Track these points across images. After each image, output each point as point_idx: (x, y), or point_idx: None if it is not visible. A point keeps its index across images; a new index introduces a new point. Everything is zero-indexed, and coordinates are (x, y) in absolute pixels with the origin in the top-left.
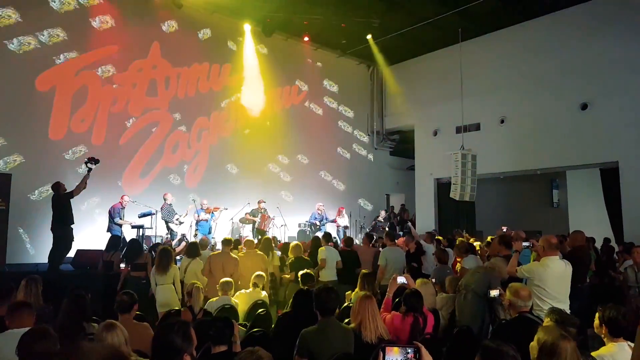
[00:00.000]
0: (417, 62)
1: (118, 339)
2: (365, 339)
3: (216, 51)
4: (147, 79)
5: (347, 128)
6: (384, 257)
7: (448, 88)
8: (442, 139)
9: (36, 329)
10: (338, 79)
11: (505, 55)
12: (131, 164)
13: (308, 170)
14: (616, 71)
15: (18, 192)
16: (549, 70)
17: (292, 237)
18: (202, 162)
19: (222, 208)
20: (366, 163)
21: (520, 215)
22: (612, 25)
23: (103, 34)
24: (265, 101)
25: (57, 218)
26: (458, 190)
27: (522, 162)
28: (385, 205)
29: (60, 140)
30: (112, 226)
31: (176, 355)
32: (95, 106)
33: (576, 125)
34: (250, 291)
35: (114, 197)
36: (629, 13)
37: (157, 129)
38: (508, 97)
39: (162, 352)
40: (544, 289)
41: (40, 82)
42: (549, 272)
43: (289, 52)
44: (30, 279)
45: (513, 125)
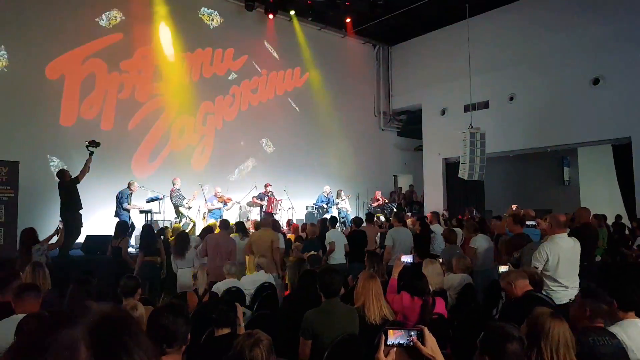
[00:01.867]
0: (423, 40)
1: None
2: (369, 320)
3: (219, 36)
4: (153, 66)
5: (353, 109)
6: (390, 237)
7: (456, 66)
8: (450, 118)
9: (34, 314)
10: (343, 60)
11: (514, 30)
12: (140, 149)
13: (314, 152)
14: (628, 45)
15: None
16: (559, 45)
17: (299, 219)
18: (208, 146)
19: (234, 201)
20: (373, 144)
21: (531, 194)
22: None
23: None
24: (269, 84)
25: (65, 204)
26: (467, 170)
27: (532, 139)
28: (393, 186)
29: (71, 126)
30: (120, 211)
31: (170, 338)
32: (103, 93)
33: (587, 101)
34: (256, 274)
35: (124, 181)
36: None
37: (163, 114)
38: (517, 73)
39: (157, 335)
40: (555, 266)
41: (50, 71)
42: (558, 250)
43: (292, 33)
44: (36, 264)
45: (522, 103)
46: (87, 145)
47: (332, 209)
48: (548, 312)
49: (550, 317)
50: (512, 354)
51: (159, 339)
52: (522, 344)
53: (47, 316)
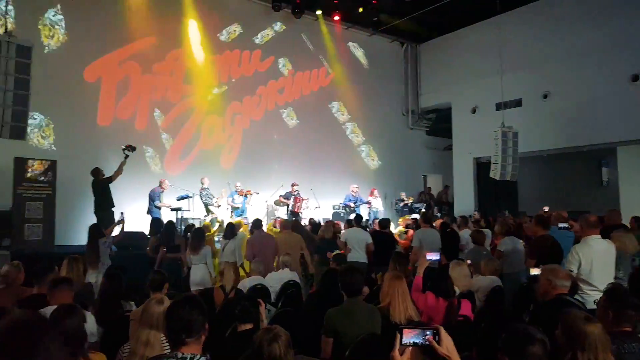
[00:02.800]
0: (453, 38)
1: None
2: (394, 320)
3: (246, 37)
4: (183, 68)
5: (381, 108)
6: (417, 238)
7: (486, 63)
8: (481, 116)
9: (66, 305)
10: (370, 58)
11: (548, 26)
12: (171, 147)
13: (341, 151)
14: None
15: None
16: (595, 41)
17: (326, 219)
18: (235, 145)
19: (253, 192)
20: (401, 143)
21: (566, 195)
22: None
23: (141, 27)
24: (295, 84)
25: (98, 202)
26: (498, 170)
27: (568, 139)
28: (422, 186)
29: (107, 126)
30: (152, 209)
31: (187, 328)
32: (137, 94)
33: (626, 98)
34: (281, 272)
35: (156, 178)
36: None
37: (193, 114)
38: (551, 70)
39: (174, 326)
40: (589, 269)
41: (88, 73)
42: (590, 252)
43: (319, 32)
44: (72, 258)
45: (557, 100)
46: (124, 149)
47: (360, 208)
48: (582, 316)
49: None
50: (533, 355)
51: (177, 329)
52: (545, 347)
53: (77, 308)
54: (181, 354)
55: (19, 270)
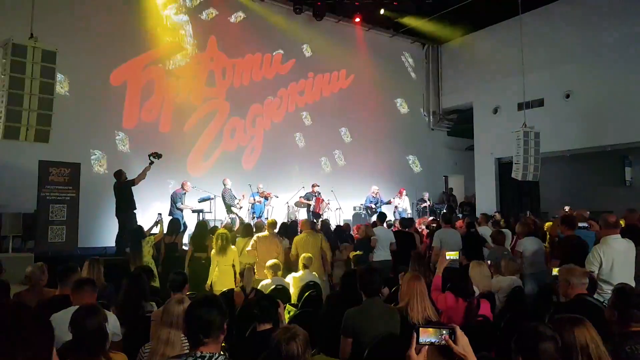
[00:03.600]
0: (474, 38)
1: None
2: (412, 320)
3: (267, 41)
4: (206, 71)
5: (402, 109)
6: (437, 238)
7: (508, 63)
8: (502, 116)
9: (87, 305)
10: (391, 59)
11: (570, 25)
12: (195, 149)
13: (362, 153)
14: None
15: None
16: (618, 39)
17: (347, 220)
18: (257, 146)
19: (273, 195)
20: (423, 144)
21: (589, 195)
22: None
23: (165, 32)
24: (315, 86)
25: (120, 204)
26: (520, 170)
27: (590, 138)
28: (444, 186)
29: (132, 129)
30: (173, 210)
31: (205, 328)
32: (161, 97)
33: None
34: (301, 273)
35: (180, 179)
36: None
37: (216, 117)
38: (574, 69)
39: (193, 326)
40: (609, 269)
41: (114, 77)
42: (611, 252)
43: (340, 34)
44: (92, 260)
45: (580, 100)
46: (150, 155)
47: (381, 209)
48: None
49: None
50: (545, 353)
51: (196, 329)
52: (556, 344)
53: (99, 307)
54: (200, 352)
55: (43, 272)
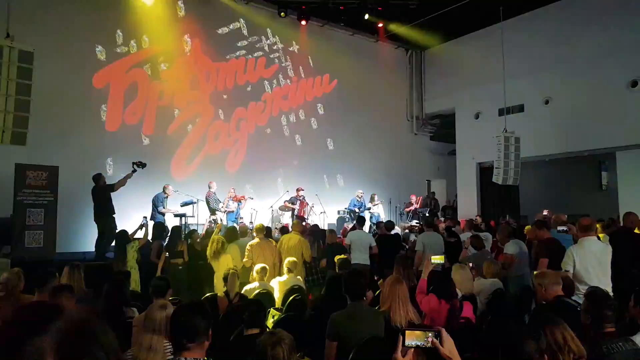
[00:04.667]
0: (457, 44)
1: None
2: (395, 324)
3: (251, 44)
4: (190, 74)
5: (385, 114)
6: (420, 242)
7: (489, 69)
8: (484, 122)
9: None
10: (375, 64)
11: (549, 33)
12: (178, 152)
13: (347, 157)
14: None
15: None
16: (595, 47)
17: (331, 224)
18: (241, 150)
19: (247, 197)
20: (406, 148)
21: (567, 199)
22: None
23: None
24: (299, 90)
25: (98, 209)
26: (501, 174)
27: (569, 143)
28: (426, 190)
29: (115, 131)
30: (155, 214)
31: (190, 333)
32: (144, 100)
33: (626, 104)
34: (285, 277)
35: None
36: None
37: (200, 120)
38: (553, 76)
39: (178, 331)
40: (582, 270)
41: (97, 79)
42: (585, 253)
43: (324, 38)
44: (73, 266)
45: (558, 106)
46: (134, 163)
47: (365, 213)
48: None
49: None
50: (529, 354)
51: (180, 334)
52: (539, 345)
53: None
54: (184, 358)
55: (19, 278)
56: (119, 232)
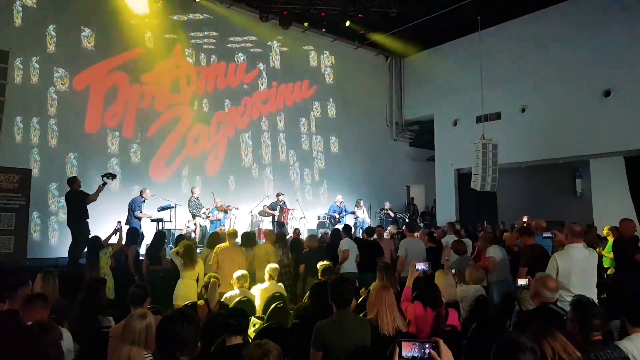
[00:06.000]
0: (435, 52)
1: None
2: (382, 332)
3: (232, 49)
4: (171, 78)
5: (365, 120)
6: (403, 247)
7: (467, 77)
8: (462, 129)
9: (40, 322)
10: (355, 71)
11: (526, 42)
12: (157, 155)
13: (326, 162)
14: (639, 57)
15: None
16: (570, 57)
17: (311, 229)
18: (220, 153)
19: (233, 207)
20: (385, 154)
21: (543, 205)
22: (634, 11)
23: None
24: (279, 95)
25: (73, 214)
26: (479, 181)
27: (544, 151)
28: (405, 197)
29: (95, 133)
30: (131, 219)
31: (181, 346)
32: (124, 103)
33: (599, 113)
34: (267, 284)
35: (142, 185)
36: None
37: (180, 123)
38: (529, 85)
39: (166, 342)
40: (567, 277)
41: (77, 82)
42: (569, 260)
43: (305, 44)
44: (46, 272)
45: (534, 114)
46: (103, 175)
47: (345, 218)
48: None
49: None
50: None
51: (171, 346)
52: (535, 355)
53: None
54: None
55: None
56: (91, 238)
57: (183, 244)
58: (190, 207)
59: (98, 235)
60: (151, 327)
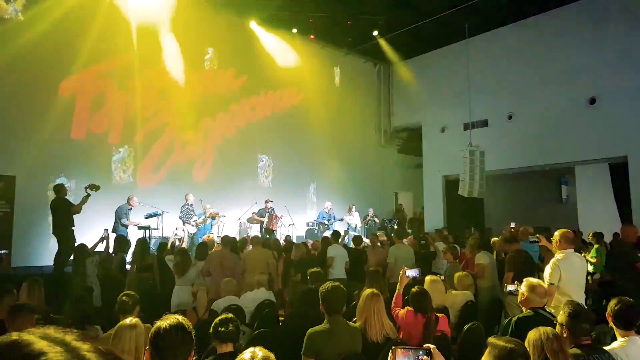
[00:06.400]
0: (424, 59)
1: (137, 339)
2: (371, 338)
3: (220, 56)
4: (158, 85)
5: (353, 127)
6: (392, 254)
7: (455, 85)
8: (450, 136)
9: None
10: (344, 78)
11: (513, 50)
12: (144, 161)
13: (314, 169)
14: (624, 66)
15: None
16: (557, 65)
17: (300, 236)
18: (208, 160)
19: (221, 215)
20: (373, 161)
21: (529, 212)
22: (620, 20)
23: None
24: (267, 102)
25: (58, 221)
26: (466, 187)
27: (531, 158)
28: (393, 203)
29: (81, 140)
30: (118, 227)
31: (175, 354)
32: (111, 109)
33: (584, 120)
34: (255, 291)
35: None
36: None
37: (167, 129)
38: (516, 92)
39: (160, 351)
40: (569, 283)
41: (63, 88)
42: (570, 266)
43: (293, 51)
44: (32, 281)
45: (521, 121)
46: (87, 187)
47: (334, 225)
48: None
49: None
50: None
51: (167, 355)
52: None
53: None
54: None
55: None
56: (77, 246)
57: (178, 250)
58: (181, 212)
59: (84, 243)
60: (141, 337)
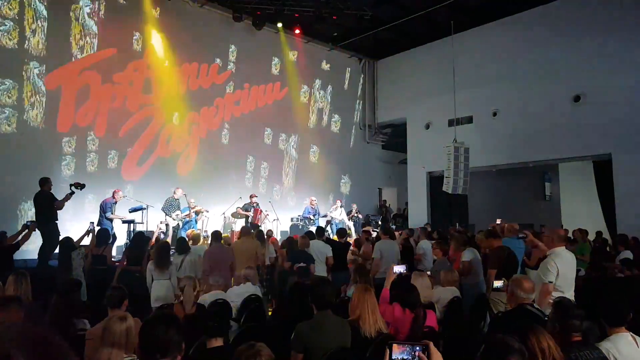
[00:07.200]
0: (409, 55)
1: (127, 332)
2: (364, 334)
3: (205, 50)
4: (143, 78)
5: (338, 122)
6: (377, 249)
7: (440, 81)
8: (434, 132)
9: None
10: (329, 73)
11: (498, 47)
12: (129, 154)
13: (299, 164)
14: (609, 63)
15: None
16: (541, 63)
17: (284, 231)
18: (192, 154)
19: (204, 210)
20: (358, 157)
21: (513, 209)
22: (604, 18)
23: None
24: (251, 97)
25: (42, 215)
26: (451, 184)
27: (515, 155)
28: (377, 199)
29: (66, 132)
30: (102, 220)
31: (165, 349)
32: (96, 102)
33: (569, 118)
34: (242, 285)
35: (113, 185)
36: (622, 8)
37: (152, 123)
38: (500, 89)
39: (149, 346)
40: (564, 280)
41: (48, 81)
42: (564, 263)
43: (279, 45)
44: (19, 274)
45: (505, 118)
46: (72, 185)
47: (319, 220)
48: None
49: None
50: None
51: (152, 349)
52: (523, 356)
53: None
54: None
55: None
56: (62, 239)
57: (158, 245)
58: (164, 204)
59: (70, 237)
60: (131, 330)
